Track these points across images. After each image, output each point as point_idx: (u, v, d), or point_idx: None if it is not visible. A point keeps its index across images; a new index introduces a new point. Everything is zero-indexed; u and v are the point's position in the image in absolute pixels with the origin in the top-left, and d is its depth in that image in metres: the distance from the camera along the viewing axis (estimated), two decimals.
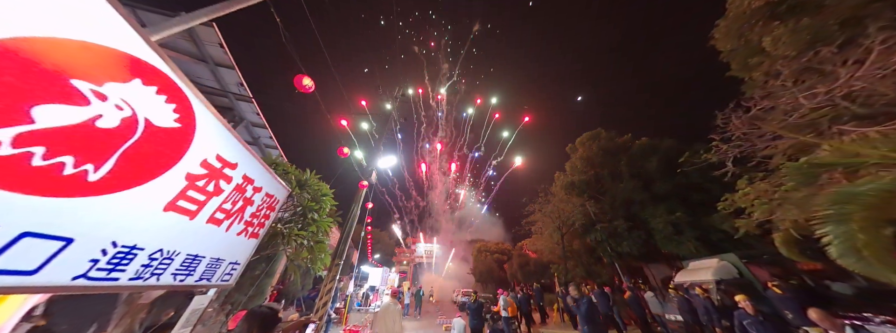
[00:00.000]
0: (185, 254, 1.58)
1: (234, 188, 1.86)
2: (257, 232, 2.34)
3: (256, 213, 2.24)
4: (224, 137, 1.74)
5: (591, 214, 12.02)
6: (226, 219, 1.87)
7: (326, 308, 5.93)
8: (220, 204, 1.77)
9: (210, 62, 6.72)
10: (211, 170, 1.63)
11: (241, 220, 2.04)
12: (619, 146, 14.27)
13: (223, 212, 1.83)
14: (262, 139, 10.19)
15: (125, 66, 1.16)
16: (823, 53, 4.16)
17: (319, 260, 6.03)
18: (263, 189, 2.25)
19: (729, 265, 6.58)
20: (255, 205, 2.19)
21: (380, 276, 14.72)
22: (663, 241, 10.19)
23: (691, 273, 7.26)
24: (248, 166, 2.00)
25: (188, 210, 1.53)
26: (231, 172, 1.81)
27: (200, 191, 1.58)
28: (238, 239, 2.08)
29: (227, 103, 8.31)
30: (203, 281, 1.81)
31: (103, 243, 1.16)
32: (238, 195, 1.93)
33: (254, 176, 2.07)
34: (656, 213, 10.62)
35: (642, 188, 11.64)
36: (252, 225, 2.21)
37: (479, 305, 7.24)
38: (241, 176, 1.92)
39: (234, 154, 1.82)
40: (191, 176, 1.49)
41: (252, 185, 2.08)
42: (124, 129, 1.13)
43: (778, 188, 4.25)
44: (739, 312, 3.99)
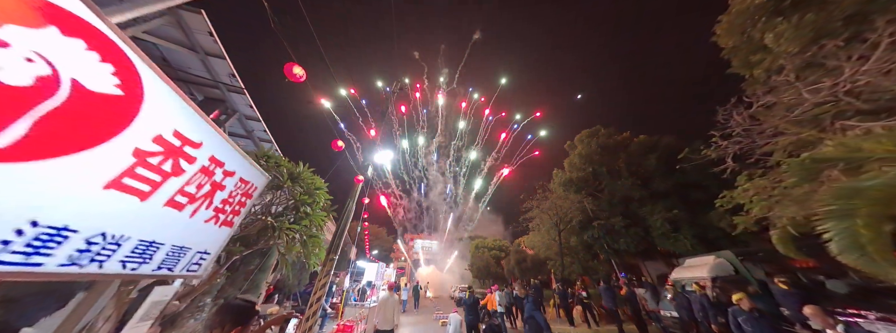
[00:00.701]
0: (136, 240, 1.42)
1: (198, 170, 1.71)
2: (231, 220, 2.20)
3: (229, 200, 2.08)
4: (184, 113, 1.58)
5: (588, 211, 12.02)
6: (189, 204, 1.71)
7: (321, 304, 5.88)
8: (181, 187, 1.61)
9: (200, 51, 6.47)
10: (167, 148, 1.47)
11: (209, 206, 1.89)
12: (617, 143, 14.22)
13: (185, 196, 1.67)
14: (256, 132, 9.98)
15: (31, 6, 0.96)
16: (828, 48, 4.08)
17: (314, 255, 5.95)
18: (237, 173, 2.10)
19: (725, 262, 6.58)
20: (227, 191, 2.04)
21: (376, 272, 14.73)
22: (660, 238, 10.22)
23: (687, 269, 7.28)
24: (217, 147, 1.85)
25: (138, 190, 1.36)
26: (194, 152, 1.65)
27: (154, 170, 1.43)
28: (206, 227, 1.93)
29: (219, 95, 8.06)
30: (163, 271, 1.68)
31: (17, 222, 0.99)
32: (204, 178, 1.78)
33: (224, 158, 1.92)
34: (654, 211, 10.63)
35: (640, 185, 11.64)
36: (224, 212, 2.06)
37: (474, 301, 7.23)
38: (207, 158, 1.76)
39: (197, 132, 1.66)
40: (141, 152, 1.34)
41: (222, 169, 1.92)
42: (41, 89, 0.97)
43: (777, 185, 4.20)
44: (734, 308, 3.98)
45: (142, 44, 6.25)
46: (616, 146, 14.12)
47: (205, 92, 8.13)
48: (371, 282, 13.95)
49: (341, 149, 6.28)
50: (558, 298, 10.04)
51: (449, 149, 42.02)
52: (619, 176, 12.53)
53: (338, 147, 6.21)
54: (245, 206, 2.32)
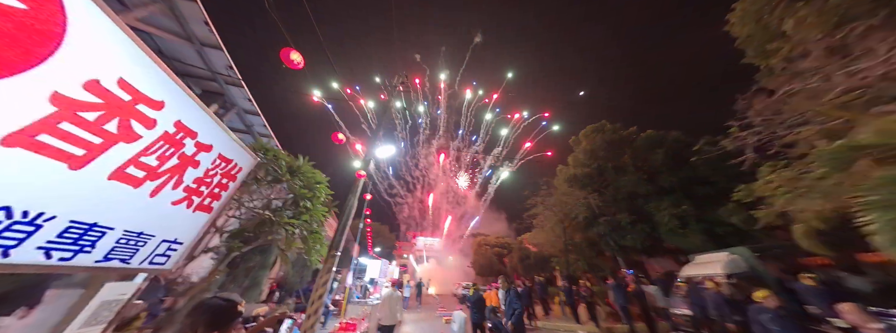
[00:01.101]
0: (65, 221, 1.11)
1: (159, 137, 1.41)
2: (210, 204, 1.91)
3: (205, 180, 1.79)
4: (137, 61, 1.24)
5: (593, 207, 11.80)
6: (149, 180, 1.42)
7: (322, 301, 5.74)
8: (134, 156, 1.30)
9: (196, 42, 6.23)
10: (110, 102, 1.14)
11: (178, 185, 1.60)
12: (623, 138, 13.93)
13: (142, 169, 1.36)
14: (256, 127, 9.79)
15: None
16: (858, 30, 3.80)
17: (315, 252, 5.80)
18: (215, 149, 1.80)
19: (739, 258, 6.36)
20: (202, 169, 1.75)
21: (379, 269, 14.64)
22: (668, 235, 9.99)
23: (698, 266, 7.07)
24: (187, 113, 1.53)
25: (64, 152, 1.04)
26: (153, 113, 1.33)
27: (90, 129, 1.09)
28: (176, 211, 1.64)
29: (217, 88, 7.83)
30: (114, 263, 1.40)
31: None
32: (168, 148, 1.47)
33: (197, 127, 1.63)
34: (661, 206, 10.39)
35: (647, 181, 11.38)
36: (198, 194, 1.76)
37: (479, 298, 7.07)
38: (171, 123, 1.45)
39: (157, 88, 1.33)
40: (65, 100, 1.00)
41: (193, 140, 1.62)
42: None
43: (803, 176, 3.96)
44: (756, 306, 3.77)
45: (139, 35, 6.09)
46: (622, 141, 13.83)
47: (202, 85, 7.90)
48: (374, 279, 13.87)
49: (342, 142, 6.09)
50: (563, 295, 9.88)
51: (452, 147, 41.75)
52: (625, 171, 12.27)
53: (338, 140, 6.01)
54: (228, 189, 2.06)
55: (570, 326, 9.03)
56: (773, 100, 4.65)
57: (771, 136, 4.79)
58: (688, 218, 9.57)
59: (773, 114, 4.78)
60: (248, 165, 2.28)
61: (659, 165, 11.29)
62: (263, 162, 4.69)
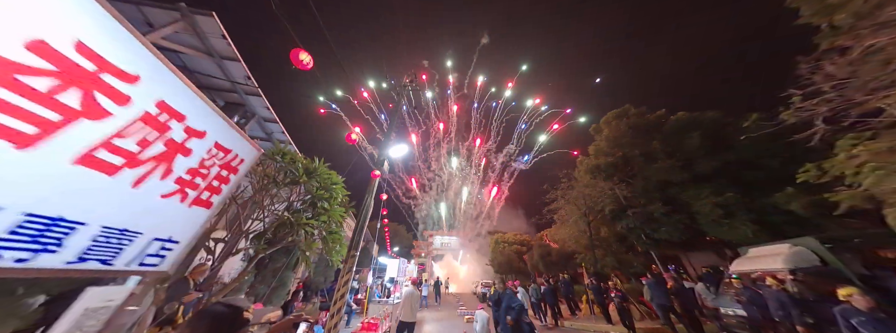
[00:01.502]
0: (17, 213, 0.92)
1: (138, 118, 1.22)
2: (208, 199, 1.74)
3: (200, 170, 1.61)
4: (102, 23, 1.05)
5: (621, 199, 10.92)
6: (128, 167, 1.24)
7: (344, 300, 5.71)
8: (105, 138, 1.11)
9: (216, 56, 6.57)
10: (65, 68, 0.95)
11: (166, 175, 1.41)
12: (650, 123, 12.78)
13: (117, 153, 1.18)
14: (275, 134, 10.15)
15: None
16: None
17: (335, 252, 5.78)
18: (209, 135, 1.61)
19: (805, 251, 5.46)
20: (196, 158, 1.56)
21: (398, 268, 14.69)
22: (710, 226, 8.97)
23: (753, 260, 6.19)
24: (172, 92, 1.34)
25: (8, 129, 0.86)
26: (127, 88, 1.15)
27: (40, 100, 0.91)
28: (166, 205, 1.45)
29: (238, 99, 8.23)
30: (91, 264, 1.22)
31: None
32: (151, 132, 1.29)
33: (186, 111, 1.45)
34: (700, 195, 9.35)
35: (681, 168, 10.31)
36: (193, 186, 1.58)
37: (500, 297, 6.71)
38: (152, 103, 1.27)
39: (129, 59, 1.14)
40: (10, 65, 0.84)
41: (181, 124, 1.43)
42: None
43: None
44: (844, 308, 3.10)
45: (164, 53, 6.56)
46: (649, 126, 12.69)
47: (224, 97, 8.34)
48: (393, 279, 13.94)
49: (355, 142, 6.00)
50: (592, 294, 9.24)
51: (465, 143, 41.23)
52: (655, 158, 11.22)
53: (351, 140, 5.94)
54: (229, 183, 1.90)
55: (601, 326, 8.39)
56: (851, 58, 3.82)
57: (847, 103, 3.97)
58: (734, 207, 8.50)
59: (849, 76, 3.95)
60: (251, 157, 2.12)
61: (695, 150, 10.18)
62: (282, 165, 4.72)
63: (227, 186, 1.90)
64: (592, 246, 11.21)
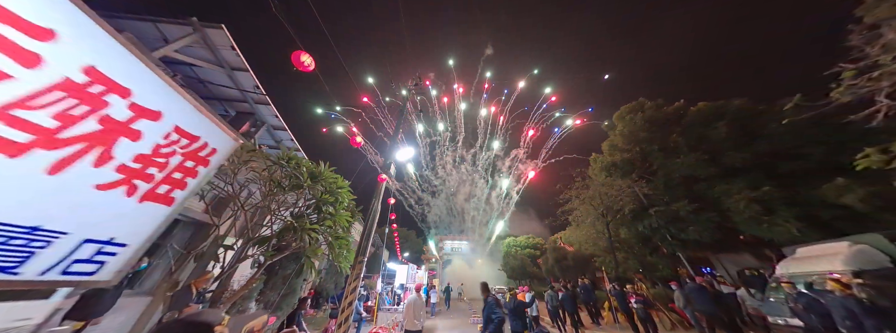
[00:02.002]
0: None
1: (53, 84, 0.99)
2: (168, 193, 1.47)
3: (154, 159, 1.36)
4: None
5: (641, 197, 10.17)
6: (39, 147, 0.99)
7: (352, 308, 5.44)
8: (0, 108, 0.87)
9: (226, 67, 6.79)
10: None
11: (104, 161, 1.16)
12: (668, 115, 12.02)
13: (21, 129, 0.93)
14: (285, 142, 10.26)
15: None
16: None
17: (342, 258, 5.56)
18: (167, 118, 1.36)
19: (871, 249, 4.73)
20: (148, 143, 1.31)
21: (407, 274, 14.33)
22: (746, 223, 8.11)
23: (804, 262, 5.44)
24: (108, 59, 1.12)
25: None
26: (35, 45, 0.92)
27: None
28: (105, 199, 1.20)
29: (248, 108, 8.45)
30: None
31: None
32: (77, 107, 1.05)
33: (131, 84, 1.21)
34: (732, 190, 8.52)
35: (708, 161, 9.51)
36: (145, 177, 1.33)
37: (518, 304, 6.21)
38: (77, 69, 1.04)
39: (45, 11, 0.92)
40: None
41: (126, 99, 1.19)
42: None
43: None
44: None
45: (180, 68, 6.80)
46: (667, 119, 11.93)
47: (235, 106, 8.57)
48: (403, 285, 13.57)
49: (360, 145, 5.85)
50: (615, 300, 8.50)
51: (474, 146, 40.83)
52: (677, 152, 10.45)
53: (356, 143, 5.79)
54: (197, 176, 1.63)
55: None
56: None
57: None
58: (773, 202, 7.65)
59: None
60: (226, 148, 1.85)
61: (722, 141, 9.38)
62: (288, 170, 4.63)
63: (195, 180, 1.64)
64: (613, 249, 10.45)
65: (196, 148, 1.60)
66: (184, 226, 5.28)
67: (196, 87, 7.38)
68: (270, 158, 4.63)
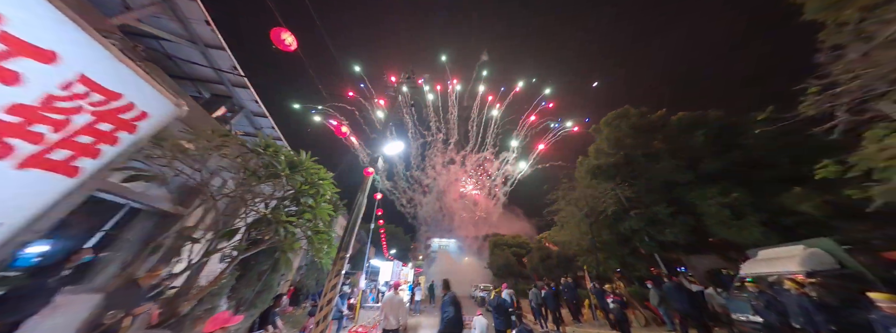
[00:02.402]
0: None
1: None
2: (71, 162, 1.16)
3: (45, 114, 1.04)
4: None
5: (623, 200, 10.62)
6: None
7: (332, 306, 5.28)
8: None
9: (199, 43, 6.14)
10: None
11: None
12: (652, 123, 12.59)
13: None
14: (265, 130, 9.73)
15: None
16: None
17: (323, 253, 5.38)
18: (69, 64, 1.06)
19: (822, 252, 5.18)
20: (34, 92, 1.00)
21: (392, 271, 14.21)
22: (718, 227, 8.68)
23: (765, 263, 5.90)
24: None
25: None
26: None
27: None
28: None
29: (225, 91, 7.79)
30: None
31: None
32: None
33: (7, 10, 0.91)
34: (706, 195, 9.08)
35: (686, 167, 10.07)
36: (31, 137, 1.01)
37: (501, 302, 6.33)
38: None
39: None
40: None
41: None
42: None
43: None
44: (884, 315, 2.79)
45: (144, 41, 6.11)
46: (650, 126, 12.50)
47: (210, 88, 7.87)
48: (388, 282, 13.46)
49: (345, 135, 5.63)
50: (595, 298, 8.86)
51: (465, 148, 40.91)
52: (658, 159, 10.99)
53: (341, 133, 5.56)
54: (117, 144, 1.31)
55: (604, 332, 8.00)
56: (874, 45, 3.59)
57: (867, 95, 3.73)
58: (742, 208, 8.23)
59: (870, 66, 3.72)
60: (163, 114, 1.51)
61: (699, 149, 9.95)
62: (266, 160, 4.37)
63: (115, 149, 1.31)
64: (595, 249, 10.86)
65: (116, 108, 1.27)
66: (145, 216, 4.78)
67: (163, 63, 6.46)
68: (246, 145, 4.32)
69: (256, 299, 6.72)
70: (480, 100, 36.05)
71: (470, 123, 37.93)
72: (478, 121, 37.70)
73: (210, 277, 4.79)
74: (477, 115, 37.27)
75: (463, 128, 39.87)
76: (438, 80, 35.06)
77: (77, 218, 3.72)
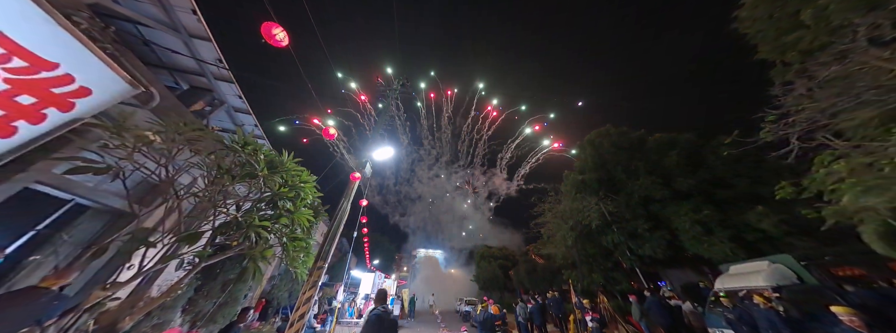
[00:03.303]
0: None
1: None
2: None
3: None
4: None
5: (606, 214, 11.03)
6: None
7: (304, 321, 4.88)
8: None
9: (183, 32, 5.85)
10: None
11: None
12: (632, 141, 13.46)
13: None
14: (247, 127, 9.29)
15: None
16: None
17: (299, 262, 5.03)
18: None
19: (783, 268, 5.58)
20: None
21: (373, 282, 13.52)
22: (691, 242, 9.16)
23: (735, 278, 6.24)
24: None
25: None
26: None
27: None
28: None
29: (206, 83, 7.39)
30: None
31: None
32: None
33: None
34: (680, 212, 9.65)
35: (662, 185, 10.72)
36: None
37: (487, 317, 6.17)
38: None
39: None
40: None
41: None
42: None
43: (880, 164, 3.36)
44: (843, 329, 3.01)
45: (118, 23, 5.68)
46: (630, 145, 13.34)
47: (190, 80, 7.49)
48: (368, 295, 12.74)
49: (333, 137, 5.51)
50: (580, 313, 8.87)
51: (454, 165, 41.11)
52: (637, 175, 11.64)
53: (329, 135, 5.43)
54: (41, 123, 1.17)
55: None
56: (813, 84, 4.16)
57: (812, 126, 4.27)
58: (711, 224, 8.80)
59: (813, 101, 4.29)
60: (110, 92, 1.33)
61: (673, 168, 10.69)
62: (242, 159, 4.12)
63: (37, 128, 1.12)
64: (580, 263, 11.03)
65: (47, 79, 1.09)
66: (94, 215, 4.25)
67: (139, 49, 6.00)
68: (223, 141, 3.97)
69: (217, 313, 6.05)
70: (471, 121, 36.92)
71: (459, 143, 38.50)
72: (468, 139, 38.37)
73: (165, 287, 4.26)
74: (466, 133, 37.99)
75: (453, 146, 40.31)
76: (432, 89, 35.78)
77: (4, 214, 3.26)
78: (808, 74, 4.48)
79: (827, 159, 3.81)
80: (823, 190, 3.84)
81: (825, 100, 4.18)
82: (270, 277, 10.53)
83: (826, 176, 3.69)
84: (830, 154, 3.84)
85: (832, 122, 4.08)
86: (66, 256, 3.89)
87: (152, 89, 4.23)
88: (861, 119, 3.79)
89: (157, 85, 4.71)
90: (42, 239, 3.85)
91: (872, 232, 3.55)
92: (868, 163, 3.35)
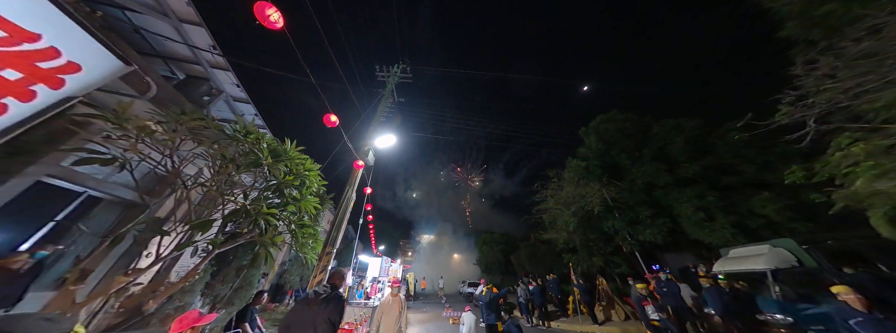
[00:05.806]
0: None
1: None
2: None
3: None
4: None
5: (608, 200, 11.06)
6: None
7: None
8: None
9: (173, 17, 5.57)
10: None
11: None
12: (636, 127, 13.16)
13: None
14: (247, 117, 9.17)
15: None
16: None
17: (308, 247, 5.18)
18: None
19: (784, 252, 5.65)
20: None
21: (380, 267, 14.06)
22: (693, 228, 9.25)
23: (734, 261, 6.35)
24: None
25: None
26: None
27: None
28: None
29: (201, 72, 7.16)
30: None
31: None
32: None
33: None
34: (683, 198, 9.64)
35: (665, 171, 10.62)
36: None
37: (492, 297, 6.43)
38: None
39: None
40: None
41: None
42: None
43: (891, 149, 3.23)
44: (841, 308, 3.08)
45: (105, 9, 5.36)
46: (635, 130, 13.05)
47: (185, 68, 7.25)
48: (376, 278, 13.31)
49: (335, 125, 5.40)
50: (579, 293, 9.22)
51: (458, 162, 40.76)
52: (641, 161, 11.51)
53: (331, 122, 5.31)
54: (30, 101, 1.05)
55: (587, 327, 8.37)
56: (849, 58, 3.88)
57: (832, 107, 4.07)
58: (714, 210, 8.81)
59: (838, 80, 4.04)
60: (101, 70, 1.18)
61: (678, 154, 10.52)
62: (246, 148, 4.09)
63: (25, 105, 1.02)
64: (582, 246, 11.27)
65: (30, 51, 0.98)
66: (107, 207, 4.34)
67: (129, 37, 5.79)
68: (225, 130, 4.00)
69: (234, 296, 6.38)
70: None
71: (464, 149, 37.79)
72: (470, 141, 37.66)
73: (183, 273, 4.47)
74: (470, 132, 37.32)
75: (457, 145, 39.72)
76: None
77: (21, 207, 3.33)
78: (834, 52, 4.20)
79: (845, 141, 3.67)
80: (836, 174, 3.75)
81: (850, 80, 3.94)
82: (281, 262, 10.94)
83: (841, 159, 3.58)
84: (849, 136, 3.69)
85: (854, 104, 3.88)
86: (86, 246, 4.02)
87: (148, 78, 4.11)
88: (886, 99, 3.60)
89: (152, 74, 4.56)
90: (62, 231, 3.95)
91: (881, 217, 3.50)
92: (888, 146, 3.22)
